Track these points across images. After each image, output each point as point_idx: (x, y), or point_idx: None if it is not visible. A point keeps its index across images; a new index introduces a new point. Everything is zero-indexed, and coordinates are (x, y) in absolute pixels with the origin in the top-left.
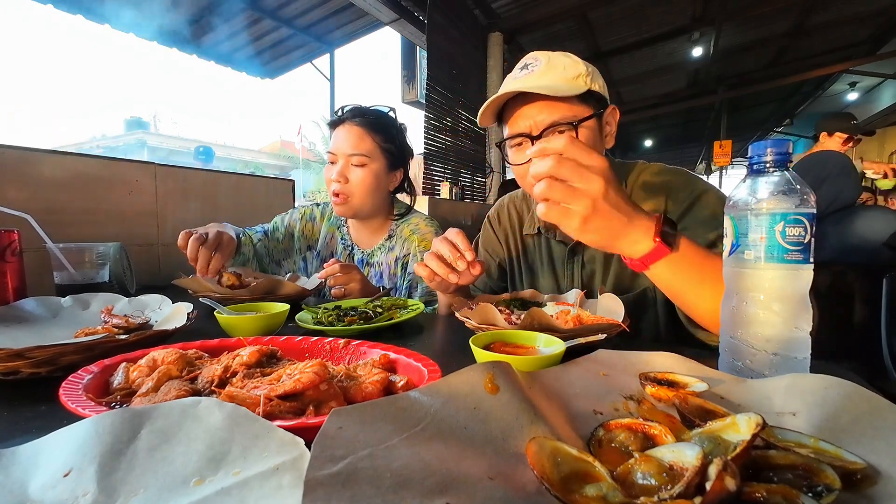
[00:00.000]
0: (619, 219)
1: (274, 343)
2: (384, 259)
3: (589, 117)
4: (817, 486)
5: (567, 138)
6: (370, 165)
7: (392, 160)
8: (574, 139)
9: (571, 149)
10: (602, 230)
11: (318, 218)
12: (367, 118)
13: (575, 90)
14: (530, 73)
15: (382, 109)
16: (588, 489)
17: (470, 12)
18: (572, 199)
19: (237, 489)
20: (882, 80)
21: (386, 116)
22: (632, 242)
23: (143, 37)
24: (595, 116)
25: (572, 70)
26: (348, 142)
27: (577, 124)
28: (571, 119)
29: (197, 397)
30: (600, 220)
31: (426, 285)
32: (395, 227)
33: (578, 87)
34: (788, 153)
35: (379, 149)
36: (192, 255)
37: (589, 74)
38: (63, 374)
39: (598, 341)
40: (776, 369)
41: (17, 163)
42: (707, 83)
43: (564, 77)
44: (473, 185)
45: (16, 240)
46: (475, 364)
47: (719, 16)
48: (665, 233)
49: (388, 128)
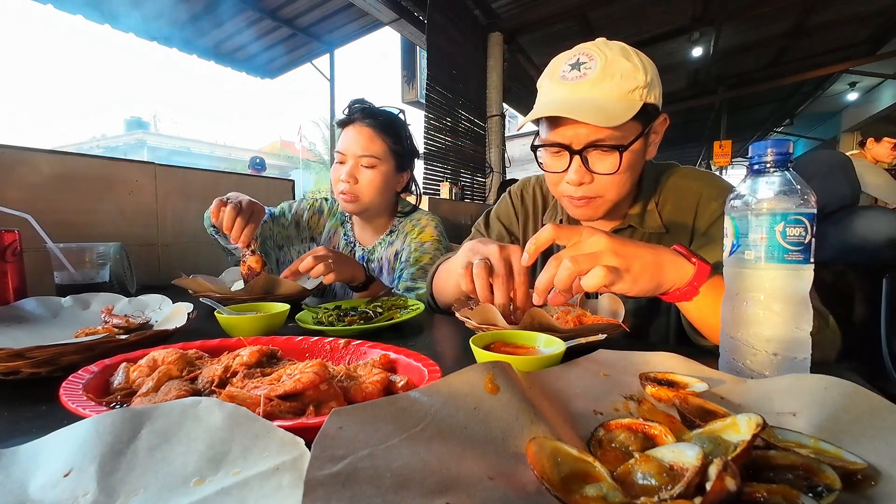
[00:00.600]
0: (647, 251)
1: (274, 343)
2: (384, 254)
3: (637, 138)
4: (817, 487)
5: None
6: (380, 167)
7: (400, 162)
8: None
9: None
10: (646, 269)
11: (325, 212)
12: (378, 120)
13: (628, 112)
14: (581, 77)
15: (392, 111)
16: (588, 489)
17: (470, 12)
18: (595, 262)
19: (237, 489)
20: (882, 80)
21: (396, 118)
22: (677, 269)
23: (143, 37)
24: (643, 136)
25: (630, 81)
26: (359, 143)
27: (623, 150)
28: (617, 142)
29: (197, 397)
30: (632, 260)
31: (411, 271)
32: (397, 223)
33: (632, 105)
34: (789, 153)
35: (389, 151)
36: (229, 224)
37: (647, 86)
38: (63, 374)
39: (598, 341)
40: (776, 369)
41: (17, 163)
42: (707, 83)
43: (619, 91)
44: (473, 185)
45: (16, 240)
46: (475, 364)
47: (719, 16)
48: (696, 254)
49: (398, 130)
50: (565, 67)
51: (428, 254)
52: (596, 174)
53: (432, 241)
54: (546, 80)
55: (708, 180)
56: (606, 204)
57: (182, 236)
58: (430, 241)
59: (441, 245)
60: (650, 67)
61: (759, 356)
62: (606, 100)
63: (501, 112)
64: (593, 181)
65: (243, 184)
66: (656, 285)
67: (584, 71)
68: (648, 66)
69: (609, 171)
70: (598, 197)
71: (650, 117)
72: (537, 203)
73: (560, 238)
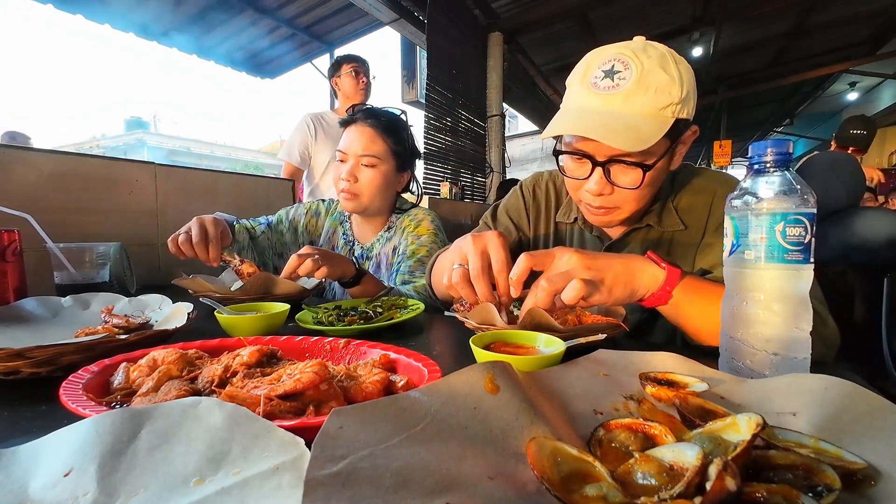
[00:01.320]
0: (618, 261)
1: (274, 343)
2: (382, 250)
3: (663, 155)
4: (817, 487)
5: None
6: (380, 167)
7: (401, 162)
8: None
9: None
10: (619, 278)
11: (322, 213)
12: (380, 120)
13: (658, 132)
14: (614, 87)
15: (395, 111)
16: (588, 489)
17: (470, 12)
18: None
19: (237, 489)
20: (882, 80)
21: (398, 119)
22: (649, 275)
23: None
24: (669, 153)
25: (664, 96)
26: (360, 142)
27: (648, 169)
28: (642, 161)
29: (197, 397)
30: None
31: (409, 264)
32: (395, 220)
33: (664, 123)
34: (789, 153)
35: (390, 151)
36: (192, 254)
37: (681, 101)
38: (63, 374)
39: (598, 341)
40: (776, 369)
41: (16, 163)
42: (707, 83)
43: (653, 107)
44: (473, 185)
45: (16, 240)
46: (475, 364)
47: (719, 16)
48: (666, 259)
49: (399, 131)
50: (598, 73)
51: (425, 246)
52: (617, 187)
53: (429, 234)
54: (576, 83)
55: (722, 178)
56: (624, 214)
57: None
58: (427, 234)
59: (437, 238)
60: (688, 78)
61: (759, 356)
62: (637, 116)
63: (501, 112)
64: (613, 192)
65: (243, 184)
66: (631, 292)
67: (618, 81)
68: (686, 78)
69: (631, 185)
70: (617, 208)
71: (679, 132)
72: (550, 199)
73: (536, 265)
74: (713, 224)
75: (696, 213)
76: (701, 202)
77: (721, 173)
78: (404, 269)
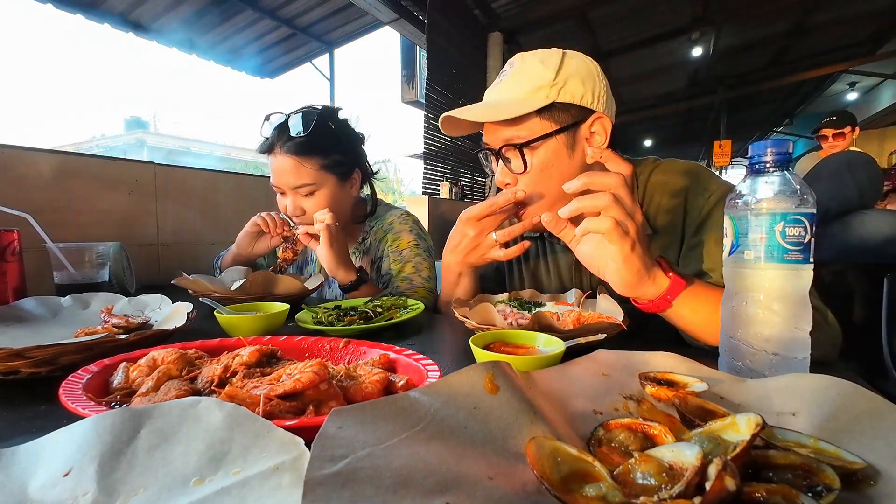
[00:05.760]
0: (646, 260)
1: (274, 343)
2: (360, 263)
3: (542, 137)
4: (817, 486)
5: (618, 179)
6: (321, 190)
7: (342, 171)
8: (623, 183)
9: (622, 191)
10: (637, 270)
11: None
12: (297, 142)
13: (528, 107)
14: (500, 82)
15: (310, 109)
16: (588, 489)
17: (470, 12)
18: (621, 240)
19: (237, 489)
20: (882, 80)
21: (316, 127)
22: (652, 282)
23: (143, 36)
24: (557, 133)
25: (536, 79)
26: (287, 176)
27: (523, 146)
28: (521, 140)
29: (197, 397)
30: (637, 260)
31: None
32: (367, 229)
33: (536, 102)
34: (789, 153)
35: (322, 170)
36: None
37: (556, 84)
38: (63, 373)
39: (597, 341)
40: (776, 369)
41: (17, 163)
42: (707, 83)
43: (524, 90)
44: (473, 184)
45: (16, 240)
46: (475, 364)
47: (719, 16)
48: (673, 267)
49: (322, 141)
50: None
51: (409, 262)
52: (513, 173)
53: (410, 247)
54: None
55: (693, 176)
56: (545, 207)
57: (182, 236)
58: (409, 247)
59: (420, 248)
60: (574, 69)
61: (759, 356)
62: (508, 98)
63: None
64: (517, 182)
65: (243, 184)
66: (637, 279)
67: (503, 77)
68: (571, 68)
69: (518, 169)
70: (533, 201)
71: (578, 115)
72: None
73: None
74: (693, 222)
75: (669, 216)
76: (672, 204)
77: (690, 166)
78: (393, 291)
